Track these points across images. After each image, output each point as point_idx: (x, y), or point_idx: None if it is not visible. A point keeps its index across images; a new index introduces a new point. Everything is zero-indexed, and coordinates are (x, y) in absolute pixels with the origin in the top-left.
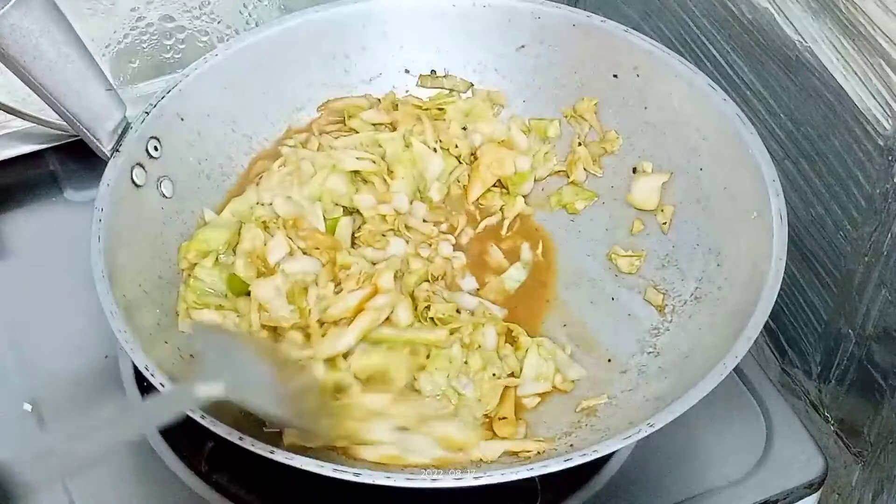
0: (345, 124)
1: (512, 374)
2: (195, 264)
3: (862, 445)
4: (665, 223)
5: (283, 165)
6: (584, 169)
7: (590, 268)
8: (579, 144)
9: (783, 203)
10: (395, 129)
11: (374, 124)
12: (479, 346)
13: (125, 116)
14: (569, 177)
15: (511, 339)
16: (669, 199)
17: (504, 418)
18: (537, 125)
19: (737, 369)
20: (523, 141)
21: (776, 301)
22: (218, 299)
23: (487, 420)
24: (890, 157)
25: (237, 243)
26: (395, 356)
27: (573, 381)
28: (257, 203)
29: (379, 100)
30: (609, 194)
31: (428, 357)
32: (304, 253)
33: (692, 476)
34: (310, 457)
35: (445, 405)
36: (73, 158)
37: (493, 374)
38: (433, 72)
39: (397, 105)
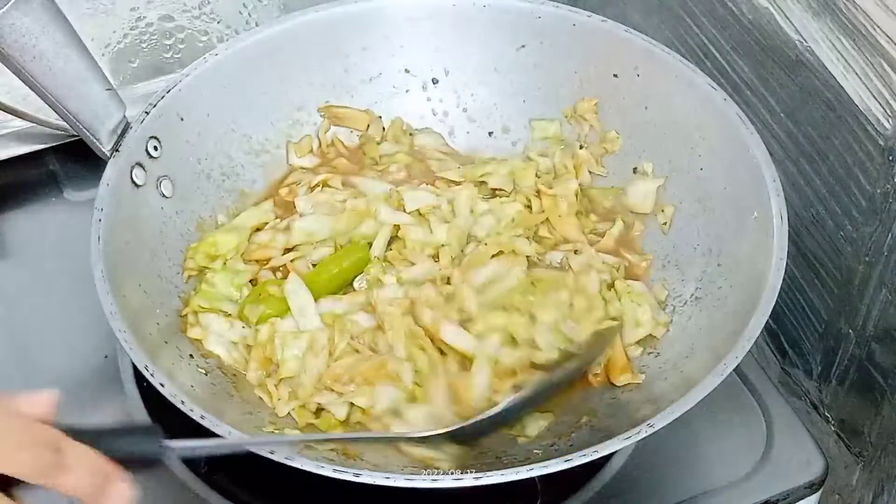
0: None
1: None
2: (205, 267)
3: (862, 446)
4: (665, 223)
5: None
6: (590, 172)
7: None
8: (581, 147)
9: (783, 203)
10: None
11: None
12: (585, 290)
13: (125, 116)
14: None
15: (608, 284)
16: (669, 200)
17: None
18: (537, 125)
19: (737, 369)
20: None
21: (776, 301)
22: (230, 305)
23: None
24: (890, 157)
25: (245, 250)
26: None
27: (665, 325)
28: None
29: (380, 116)
30: None
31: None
32: None
33: (692, 476)
34: (310, 457)
35: None
36: (73, 158)
37: (599, 318)
38: None
39: (411, 133)
